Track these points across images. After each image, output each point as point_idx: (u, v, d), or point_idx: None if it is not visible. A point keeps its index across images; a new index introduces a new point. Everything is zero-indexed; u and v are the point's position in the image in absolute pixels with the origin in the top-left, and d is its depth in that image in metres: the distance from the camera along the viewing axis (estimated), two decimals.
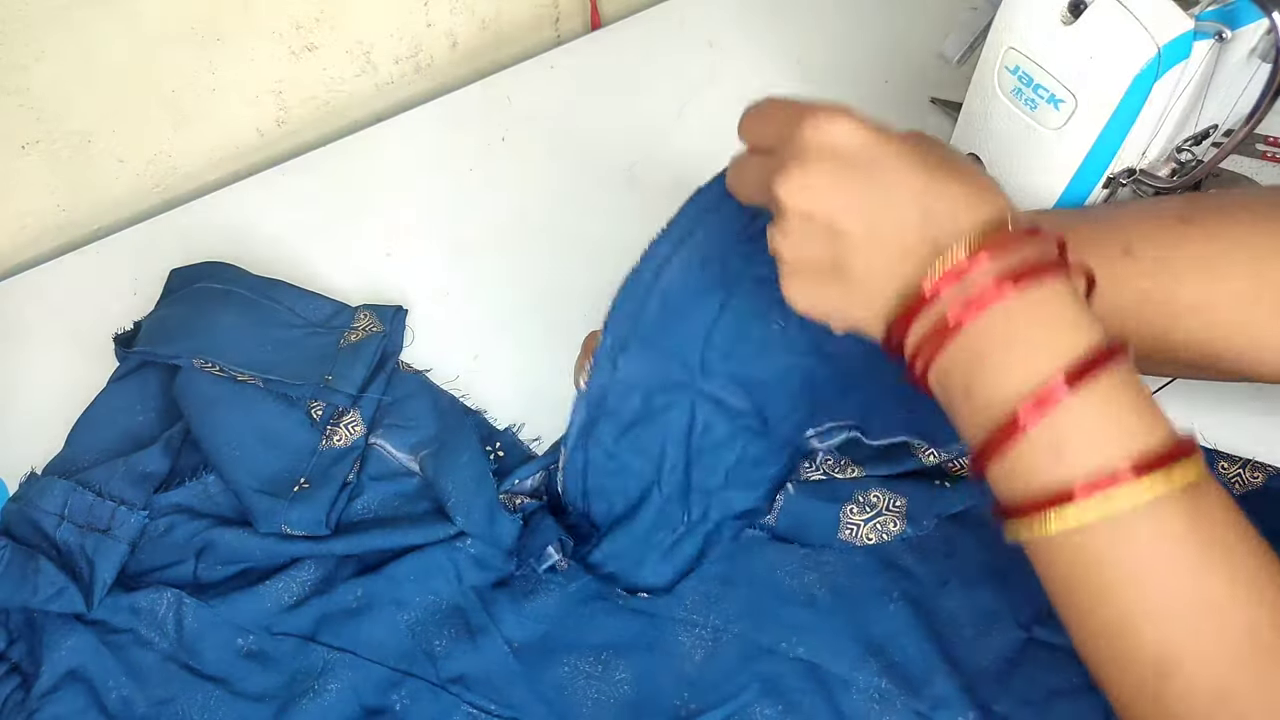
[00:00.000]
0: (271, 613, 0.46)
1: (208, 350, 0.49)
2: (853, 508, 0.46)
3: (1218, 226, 0.40)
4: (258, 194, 0.62)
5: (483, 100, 0.66)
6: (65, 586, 0.44)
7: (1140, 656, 0.31)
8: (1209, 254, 0.39)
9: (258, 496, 0.47)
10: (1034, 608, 0.44)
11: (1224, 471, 0.47)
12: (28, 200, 0.60)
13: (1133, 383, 0.31)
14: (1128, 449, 0.30)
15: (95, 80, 0.56)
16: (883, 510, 0.46)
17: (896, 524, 0.46)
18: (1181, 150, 0.47)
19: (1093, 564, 0.31)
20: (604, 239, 0.59)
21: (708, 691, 0.43)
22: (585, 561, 0.45)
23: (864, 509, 0.46)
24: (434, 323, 0.56)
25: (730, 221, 0.43)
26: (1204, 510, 0.31)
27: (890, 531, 0.46)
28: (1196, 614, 0.30)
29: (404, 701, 0.44)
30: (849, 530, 0.46)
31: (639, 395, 0.44)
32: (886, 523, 0.46)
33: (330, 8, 0.61)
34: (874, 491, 0.46)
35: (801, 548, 0.46)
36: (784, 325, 0.43)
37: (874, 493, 0.46)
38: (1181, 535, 0.30)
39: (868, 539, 0.46)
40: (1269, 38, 0.41)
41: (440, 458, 0.48)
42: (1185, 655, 0.30)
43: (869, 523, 0.46)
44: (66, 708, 0.43)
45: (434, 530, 0.47)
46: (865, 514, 0.46)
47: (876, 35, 0.67)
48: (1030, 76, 0.43)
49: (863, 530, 0.46)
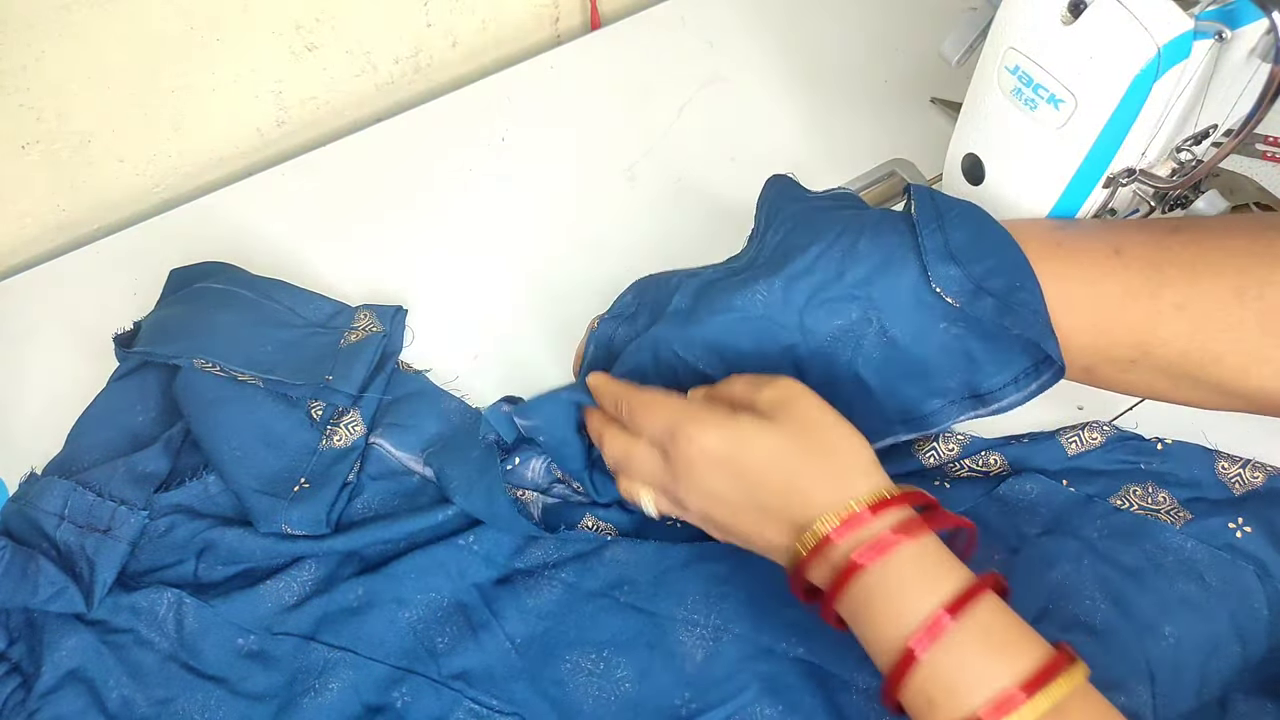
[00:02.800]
0: (272, 612, 0.46)
1: (208, 350, 0.49)
2: None
3: (1205, 235, 0.41)
4: (258, 194, 0.62)
5: (483, 100, 0.66)
6: (65, 586, 0.44)
7: None
8: (1195, 257, 0.40)
9: (258, 496, 0.47)
10: (1033, 607, 0.44)
11: (1224, 471, 0.47)
12: (28, 200, 0.60)
13: (1004, 608, 0.35)
14: (1015, 670, 0.33)
15: (95, 80, 0.56)
16: None
17: None
18: (1181, 150, 0.47)
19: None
20: (604, 238, 0.59)
21: (708, 691, 0.43)
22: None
23: None
24: (434, 323, 0.56)
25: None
26: (1091, 709, 0.34)
27: None
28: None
29: (405, 699, 0.44)
30: None
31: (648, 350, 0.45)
32: None
33: (330, 8, 0.61)
34: None
35: None
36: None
37: None
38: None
39: None
40: (1269, 38, 0.41)
41: (446, 452, 0.49)
42: None
43: None
44: (67, 707, 0.43)
45: (434, 517, 0.47)
46: None
47: (876, 35, 0.67)
48: (1030, 76, 0.43)
49: None
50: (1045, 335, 0.40)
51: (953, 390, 0.44)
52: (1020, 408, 0.45)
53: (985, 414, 0.44)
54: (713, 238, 0.51)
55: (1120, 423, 0.49)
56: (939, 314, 0.42)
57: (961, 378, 0.44)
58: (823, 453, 0.38)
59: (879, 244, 0.42)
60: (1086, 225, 0.45)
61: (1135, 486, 0.47)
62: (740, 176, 0.59)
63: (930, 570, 0.35)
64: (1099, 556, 0.45)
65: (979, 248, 0.41)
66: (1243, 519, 0.45)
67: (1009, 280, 0.41)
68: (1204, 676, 0.42)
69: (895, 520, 0.36)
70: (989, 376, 0.43)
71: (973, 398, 0.44)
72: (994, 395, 0.44)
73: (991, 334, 0.42)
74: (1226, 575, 0.44)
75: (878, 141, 0.60)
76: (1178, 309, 0.40)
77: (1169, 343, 0.40)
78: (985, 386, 0.44)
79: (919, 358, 0.43)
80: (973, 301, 0.41)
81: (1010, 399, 0.43)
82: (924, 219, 0.42)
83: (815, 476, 0.37)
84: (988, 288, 0.41)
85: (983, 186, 0.49)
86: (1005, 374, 0.43)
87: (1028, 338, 0.40)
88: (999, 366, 0.43)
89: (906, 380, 0.44)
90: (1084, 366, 0.42)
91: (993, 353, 0.43)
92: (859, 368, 0.43)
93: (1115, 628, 0.43)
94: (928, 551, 0.36)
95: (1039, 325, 0.40)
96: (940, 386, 0.44)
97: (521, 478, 0.47)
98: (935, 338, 0.42)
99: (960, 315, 0.42)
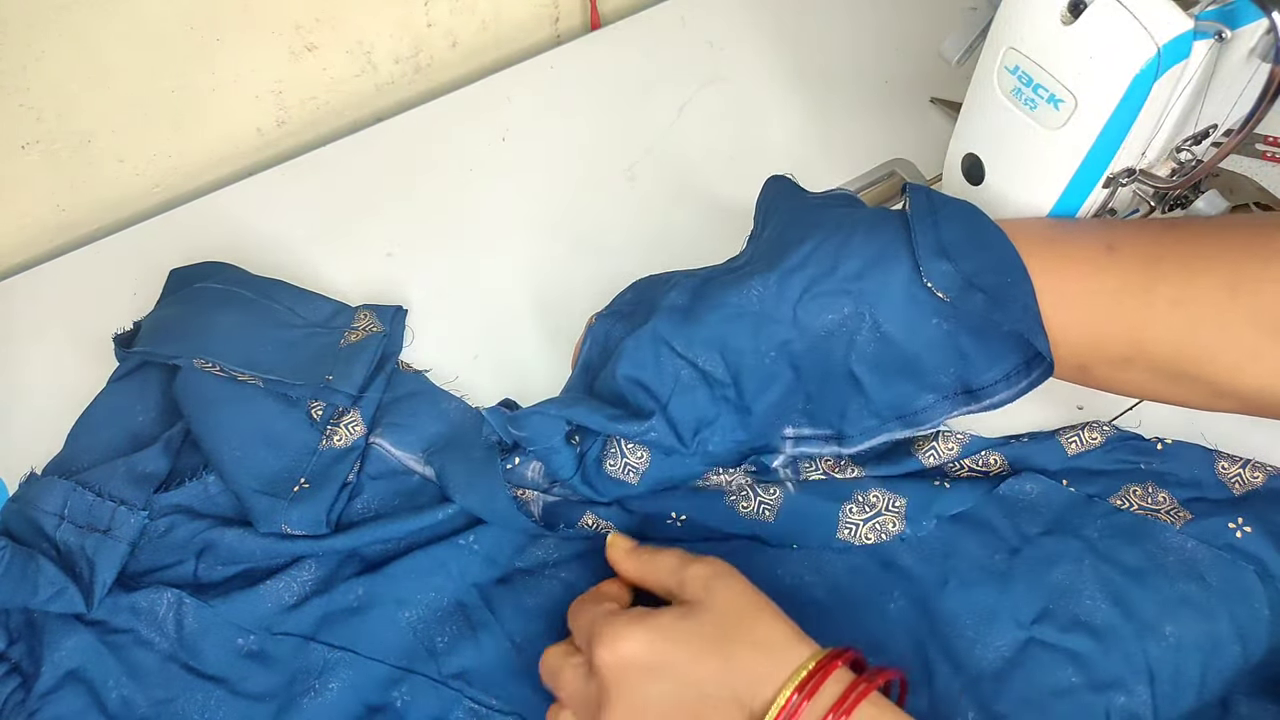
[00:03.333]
0: (272, 612, 0.46)
1: (208, 350, 0.49)
2: (852, 507, 0.46)
3: (1200, 232, 0.41)
4: (258, 194, 0.62)
5: (483, 100, 0.66)
6: (65, 587, 0.44)
7: None
8: (1189, 254, 0.40)
9: (258, 496, 0.47)
10: (1034, 607, 0.44)
11: (1224, 471, 0.47)
12: (28, 200, 0.60)
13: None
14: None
15: (95, 80, 0.56)
16: (882, 510, 0.46)
17: (895, 524, 0.46)
18: (1181, 150, 0.47)
19: None
20: (604, 238, 0.59)
21: None
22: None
23: (863, 509, 0.46)
24: (434, 323, 0.56)
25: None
26: None
27: (889, 531, 0.46)
28: None
29: (405, 698, 0.44)
30: (848, 529, 0.46)
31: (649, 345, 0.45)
32: (886, 523, 0.46)
33: (330, 8, 0.61)
34: (874, 491, 0.46)
35: (800, 548, 0.46)
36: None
37: (874, 493, 0.46)
38: None
39: (866, 538, 0.46)
40: (1269, 38, 0.41)
41: (448, 451, 0.49)
42: None
43: (868, 522, 0.46)
44: (67, 708, 0.43)
45: (434, 516, 0.47)
46: (865, 513, 0.46)
47: (876, 35, 0.67)
48: (1030, 76, 0.43)
49: (861, 529, 0.46)
50: (1035, 331, 0.40)
51: (945, 386, 0.44)
52: (1020, 408, 0.45)
53: (978, 410, 0.44)
54: (713, 238, 0.51)
55: (1121, 422, 0.49)
56: (930, 309, 0.42)
57: (954, 374, 0.44)
58: (753, 627, 0.37)
59: (872, 239, 0.42)
60: (1080, 223, 0.45)
61: (1135, 486, 0.47)
62: (740, 176, 0.59)
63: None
64: (1100, 556, 0.45)
65: (971, 244, 0.41)
66: (1243, 519, 0.45)
67: (1000, 276, 0.41)
68: (1204, 677, 0.42)
69: (845, 681, 0.35)
70: (980, 373, 0.43)
71: (965, 394, 0.44)
72: (986, 391, 0.44)
73: (982, 330, 0.42)
74: (1227, 575, 0.44)
75: (878, 141, 0.60)
76: (1172, 305, 0.39)
77: (1163, 339, 0.40)
78: (977, 382, 0.44)
79: (912, 353, 0.43)
80: (963, 296, 0.41)
81: (1002, 395, 0.44)
82: (918, 215, 0.42)
83: (753, 652, 0.36)
84: (978, 283, 0.41)
85: (983, 186, 0.49)
86: (996, 370, 0.43)
87: (1018, 333, 0.40)
88: (990, 363, 0.43)
89: (900, 375, 0.44)
90: (1079, 365, 0.42)
91: (984, 349, 0.43)
92: (853, 363, 0.44)
93: (1116, 628, 0.43)
94: (882, 709, 0.35)
95: (1029, 320, 0.40)
96: (933, 382, 0.44)
97: (522, 477, 0.47)
98: (927, 333, 0.43)
99: (951, 311, 0.42)
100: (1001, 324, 0.40)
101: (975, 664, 0.43)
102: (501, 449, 0.47)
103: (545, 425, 0.45)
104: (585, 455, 0.46)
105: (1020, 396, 0.43)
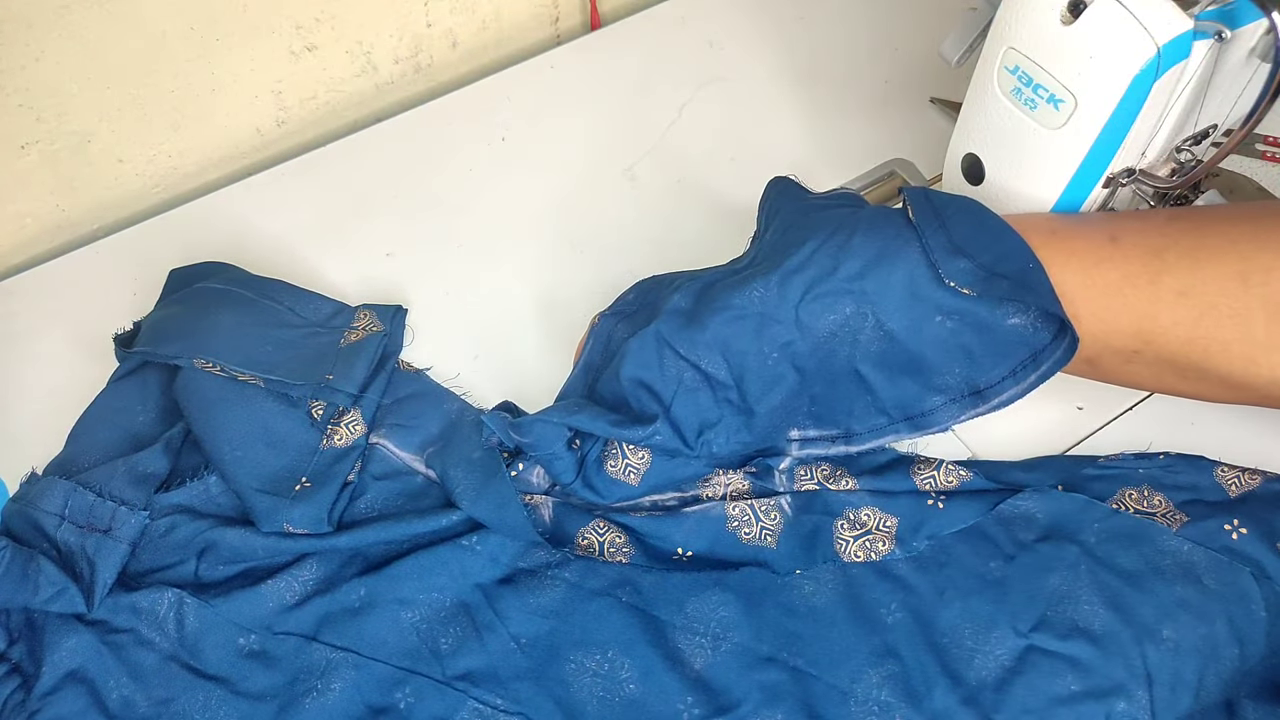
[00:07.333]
0: (273, 612, 0.46)
1: (208, 350, 0.49)
2: (843, 524, 0.46)
3: (1205, 222, 0.40)
4: (258, 194, 0.62)
5: (483, 100, 0.66)
6: (66, 587, 0.44)
7: None
8: (1195, 243, 0.39)
9: (259, 496, 0.47)
10: (1032, 615, 0.44)
11: (1222, 476, 0.47)
12: (28, 200, 0.60)
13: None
14: None
15: (95, 80, 0.56)
16: (872, 530, 0.46)
17: (885, 544, 0.46)
18: (1181, 150, 0.47)
19: None
20: (604, 238, 0.59)
21: (708, 699, 0.43)
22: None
23: (854, 526, 0.46)
24: (434, 323, 0.56)
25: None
26: None
27: (878, 551, 0.46)
28: None
29: (409, 699, 0.44)
30: (840, 545, 0.46)
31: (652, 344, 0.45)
32: (875, 542, 0.46)
33: (330, 8, 0.61)
34: (865, 510, 0.46)
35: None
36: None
37: (865, 511, 0.46)
38: None
39: (856, 556, 0.46)
40: (1269, 38, 0.41)
41: (448, 452, 0.49)
42: None
43: (858, 539, 0.46)
44: (67, 708, 0.43)
45: (439, 519, 0.47)
46: (855, 530, 0.46)
47: (876, 35, 0.67)
48: (1030, 76, 0.43)
49: (851, 547, 0.46)
50: (1060, 307, 0.40)
51: (953, 387, 0.44)
52: (1021, 408, 0.45)
53: (985, 410, 0.44)
54: (713, 238, 0.51)
55: (1118, 425, 0.49)
56: (933, 307, 0.42)
57: (960, 373, 0.44)
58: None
59: (873, 238, 0.42)
60: (1083, 216, 0.45)
61: (1131, 490, 0.47)
62: (740, 176, 0.60)
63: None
64: (1096, 561, 0.45)
65: (983, 238, 0.42)
66: (1238, 520, 0.45)
67: (1019, 263, 0.41)
68: (1202, 679, 0.42)
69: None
70: (986, 370, 0.44)
71: (973, 394, 0.44)
72: (994, 390, 0.44)
73: (987, 327, 0.42)
74: (1224, 578, 0.44)
75: (878, 141, 0.60)
76: (1179, 295, 0.39)
77: (1171, 330, 0.39)
78: (984, 380, 0.44)
79: (916, 351, 0.43)
80: (988, 286, 0.41)
81: (1010, 392, 0.44)
82: (923, 219, 0.42)
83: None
84: (1000, 270, 0.41)
85: (983, 186, 0.49)
86: (1003, 367, 0.43)
87: (1021, 331, 0.40)
88: (996, 360, 0.43)
89: (906, 374, 0.44)
90: (1086, 358, 0.42)
91: (989, 345, 0.43)
92: (858, 363, 0.44)
93: (1114, 632, 0.43)
94: None
95: (1054, 300, 0.40)
96: (940, 383, 0.44)
97: (528, 483, 0.47)
98: (931, 330, 0.43)
99: (956, 309, 0.42)
100: (1031, 304, 0.41)
101: (976, 674, 0.43)
102: (502, 450, 0.47)
103: (549, 432, 0.45)
104: (585, 457, 0.46)
105: (1029, 392, 0.43)
